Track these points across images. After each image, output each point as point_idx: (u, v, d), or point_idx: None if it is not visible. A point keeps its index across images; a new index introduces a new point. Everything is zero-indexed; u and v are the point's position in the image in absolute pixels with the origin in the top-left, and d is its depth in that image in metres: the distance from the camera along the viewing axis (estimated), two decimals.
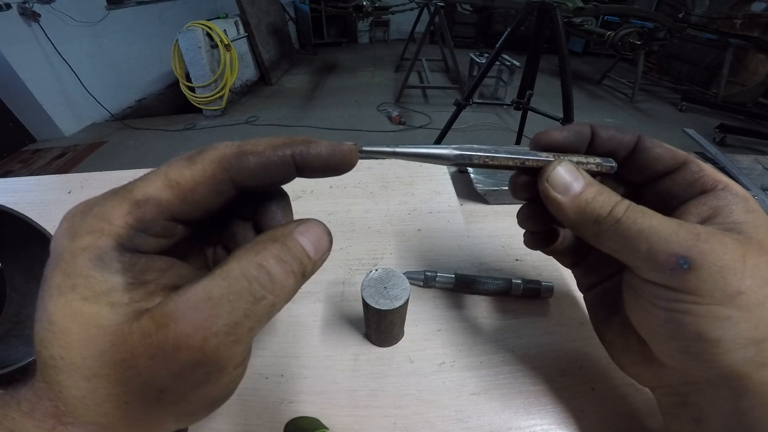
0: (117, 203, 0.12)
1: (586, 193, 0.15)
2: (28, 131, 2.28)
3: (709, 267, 0.13)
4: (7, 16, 1.96)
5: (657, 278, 0.14)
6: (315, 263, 0.13)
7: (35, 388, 0.12)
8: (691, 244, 0.13)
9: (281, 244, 0.13)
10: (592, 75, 3.40)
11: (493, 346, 0.27)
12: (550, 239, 0.21)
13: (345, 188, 0.43)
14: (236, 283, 0.11)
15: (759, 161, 0.49)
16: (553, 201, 0.16)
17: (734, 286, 0.13)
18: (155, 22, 3.12)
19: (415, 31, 3.30)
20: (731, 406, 0.15)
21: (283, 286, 0.12)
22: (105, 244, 0.11)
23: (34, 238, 0.26)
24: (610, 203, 0.15)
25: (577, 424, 0.23)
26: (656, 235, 0.14)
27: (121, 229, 0.12)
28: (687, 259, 0.13)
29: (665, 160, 0.17)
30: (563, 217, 0.16)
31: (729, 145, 2.15)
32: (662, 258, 0.14)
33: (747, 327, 0.13)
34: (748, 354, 0.13)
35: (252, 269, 0.12)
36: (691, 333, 0.14)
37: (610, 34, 1.53)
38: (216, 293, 0.11)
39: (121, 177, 0.46)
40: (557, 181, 0.16)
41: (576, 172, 0.16)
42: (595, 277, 0.21)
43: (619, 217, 0.15)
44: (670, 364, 0.16)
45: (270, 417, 0.23)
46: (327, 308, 0.30)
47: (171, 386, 0.11)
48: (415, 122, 2.46)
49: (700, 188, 0.16)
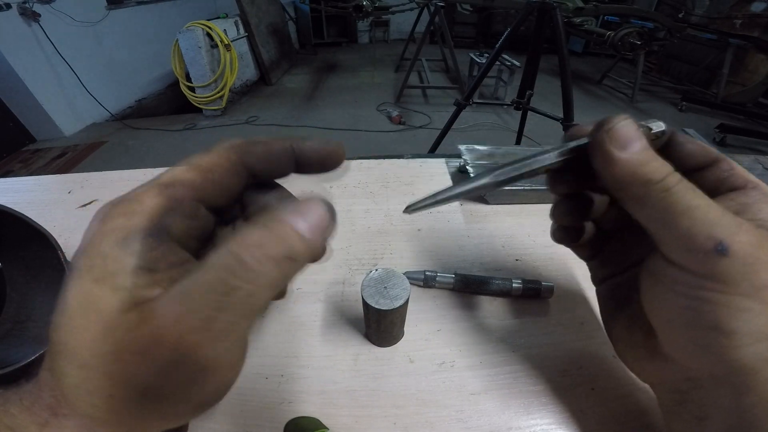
0: (147, 188, 0.13)
1: (644, 154, 0.15)
2: (28, 131, 2.28)
3: (744, 257, 0.13)
4: (7, 16, 1.96)
5: (687, 260, 0.14)
6: (310, 242, 0.12)
7: (39, 380, 0.12)
8: (734, 231, 0.13)
9: (261, 226, 0.11)
10: (592, 75, 3.40)
11: (493, 346, 0.27)
12: (580, 234, 0.22)
13: (345, 188, 0.43)
14: (208, 273, 0.11)
15: (759, 161, 0.49)
16: (608, 154, 0.15)
17: (762, 280, 0.13)
18: (155, 22, 3.11)
19: (415, 31, 3.30)
20: (733, 403, 0.15)
21: (259, 273, 0.11)
22: (136, 224, 0.12)
23: (34, 238, 0.26)
24: (665, 171, 0.15)
25: (577, 424, 0.23)
26: (702, 215, 0.14)
27: (154, 209, 0.12)
28: (725, 244, 0.13)
29: (697, 156, 0.17)
30: (613, 173, 0.15)
31: (729, 145, 2.15)
32: (701, 239, 0.13)
33: (765, 321, 0.13)
34: (760, 349, 0.13)
35: (223, 257, 0.11)
36: (707, 322, 0.14)
37: (610, 34, 1.53)
38: (189, 286, 0.11)
39: (121, 177, 0.46)
40: (619, 134, 0.15)
41: (638, 132, 0.15)
42: (609, 269, 0.21)
43: (670, 187, 0.14)
44: (677, 357, 0.16)
45: (270, 417, 0.23)
46: (327, 308, 0.30)
47: (153, 384, 0.11)
48: (415, 122, 2.46)
49: (730, 186, 0.16)
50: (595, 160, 0.16)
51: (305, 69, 3.68)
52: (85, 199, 0.42)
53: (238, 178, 0.14)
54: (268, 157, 0.15)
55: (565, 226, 0.22)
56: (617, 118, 0.15)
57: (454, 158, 0.48)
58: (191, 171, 0.13)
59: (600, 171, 0.16)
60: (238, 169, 0.14)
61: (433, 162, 0.48)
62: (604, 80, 3.18)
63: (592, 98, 2.95)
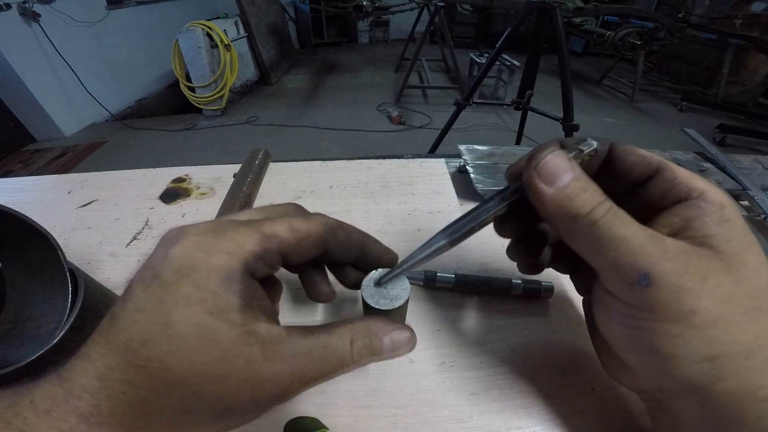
0: (250, 233, 0.14)
1: (570, 188, 0.15)
2: (28, 131, 2.28)
3: (668, 286, 0.13)
4: (7, 16, 1.96)
5: (617, 290, 0.15)
6: (383, 358, 0.16)
7: (75, 386, 0.12)
8: (656, 260, 0.13)
9: (371, 339, 0.15)
10: (592, 75, 3.40)
11: (494, 346, 0.27)
12: (543, 265, 0.22)
13: (345, 188, 0.43)
14: (330, 354, 0.14)
15: (759, 161, 0.49)
16: (537, 190, 0.15)
17: (689, 306, 0.13)
18: (155, 22, 3.12)
19: (415, 31, 3.30)
20: (700, 413, 0.15)
21: (353, 366, 0.15)
22: (235, 266, 0.13)
23: (34, 238, 0.26)
24: (592, 203, 0.14)
25: (577, 424, 0.23)
26: (625, 246, 0.14)
27: (250, 255, 0.14)
28: (648, 275, 0.13)
29: (638, 167, 0.17)
30: (541, 208, 0.16)
31: (729, 145, 2.15)
32: (626, 270, 0.14)
33: (699, 344, 0.13)
34: (703, 369, 0.13)
35: (345, 351, 0.14)
36: (646, 347, 0.14)
37: (610, 34, 1.53)
38: (315, 354, 0.14)
39: (121, 177, 0.46)
40: (546, 169, 0.15)
41: (567, 164, 0.15)
42: (588, 282, 0.21)
43: (596, 220, 0.14)
44: (639, 372, 0.16)
45: (270, 417, 0.23)
46: (327, 308, 0.30)
47: (240, 408, 0.13)
48: (415, 122, 2.46)
49: (674, 197, 0.15)
50: (530, 197, 0.16)
51: (305, 69, 3.68)
52: (85, 199, 0.42)
53: (316, 250, 0.16)
54: (346, 245, 0.17)
55: (527, 263, 0.22)
56: (546, 150, 0.15)
57: (454, 158, 0.48)
58: (290, 232, 0.15)
59: (535, 207, 0.16)
60: (320, 244, 0.16)
61: (433, 162, 0.48)
62: (604, 80, 3.18)
63: (592, 98, 2.95)
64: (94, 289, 0.25)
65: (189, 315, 0.12)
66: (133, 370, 0.12)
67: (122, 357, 0.12)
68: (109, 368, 0.12)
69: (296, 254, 0.16)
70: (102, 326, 0.13)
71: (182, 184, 0.44)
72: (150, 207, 0.41)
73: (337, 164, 0.47)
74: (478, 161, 0.44)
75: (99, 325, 0.13)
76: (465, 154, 0.45)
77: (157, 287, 0.12)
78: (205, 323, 0.12)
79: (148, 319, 0.12)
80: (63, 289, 0.23)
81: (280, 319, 0.16)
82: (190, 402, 0.12)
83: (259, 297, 0.15)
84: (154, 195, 0.43)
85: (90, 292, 0.24)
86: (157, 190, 0.43)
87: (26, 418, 0.11)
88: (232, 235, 0.14)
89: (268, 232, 0.15)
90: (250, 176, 0.41)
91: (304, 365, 0.13)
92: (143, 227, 0.38)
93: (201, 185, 0.44)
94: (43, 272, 0.27)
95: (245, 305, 0.13)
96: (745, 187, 0.42)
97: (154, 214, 0.40)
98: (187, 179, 0.45)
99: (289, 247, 0.15)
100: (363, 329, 0.15)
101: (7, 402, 0.11)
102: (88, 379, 0.12)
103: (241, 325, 0.13)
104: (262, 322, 0.14)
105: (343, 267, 0.20)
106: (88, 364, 0.12)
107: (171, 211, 0.40)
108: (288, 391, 0.13)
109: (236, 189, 0.39)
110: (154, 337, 0.12)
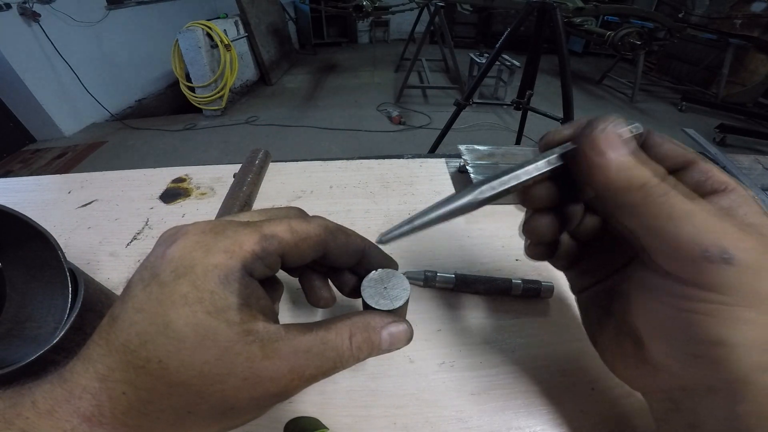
0: (250, 232, 0.14)
1: (637, 157, 0.14)
2: (28, 131, 2.28)
3: (749, 265, 0.12)
4: (7, 16, 1.96)
5: (685, 270, 0.13)
6: (381, 352, 0.16)
7: (69, 386, 0.12)
8: (738, 236, 0.12)
9: (369, 334, 0.16)
10: (592, 75, 3.40)
11: (493, 346, 0.27)
12: (556, 247, 0.21)
13: (345, 188, 0.43)
14: (329, 350, 0.14)
15: (759, 161, 0.49)
16: (599, 155, 0.14)
17: (766, 288, 0.12)
18: (155, 22, 3.12)
19: (415, 31, 3.30)
20: (726, 412, 0.14)
21: (353, 362, 0.15)
22: (234, 265, 0.13)
23: (34, 238, 0.26)
24: (661, 173, 0.13)
25: (577, 424, 0.23)
26: (703, 220, 0.12)
27: (249, 254, 0.14)
28: (731, 252, 0.12)
29: (675, 157, 0.16)
30: (602, 176, 0.14)
31: (729, 145, 2.15)
32: (703, 247, 0.12)
33: (764, 332, 0.12)
34: (756, 359, 0.13)
35: (344, 346, 0.15)
36: (701, 334, 0.13)
37: (610, 34, 1.53)
38: (314, 350, 0.14)
39: (121, 177, 0.46)
40: (609, 137, 0.14)
41: (630, 134, 0.14)
42: (588, 279, 0.21)
43: (667, 191, 0.13)
44: (671, 368, 0.15)
45: (270, 417, 0.23)
46: (326, 313, 0.30)
47: (241, 407, 0.13)
48: (415, 122, 2.46)
49: (709, 188, 0.15)
50: (581, 166, 0.15)
51: (305, 69, 3.68)
52: (85, 199, 0.42)
53: (315, 253, 0.16)
54: (345, 248, 0.17)
55: (541, 243, 0.20)
56: (605, 119, 0.14)
57: (454, 158, 0.48)
58: (290, 233, 0.15)
59: (586, 177, 0.15)
60: (319, 246, 0.16)
61: (433, 162, 0.48)
62: (604, 80, 3.18)
63: (592, 98, 2.95)
64: (94, 289, 0.25)
65: (187, 315, 0.12)
66: (133, 371, 0.12)
67: (122, 358, 0.12)
68: (110, 369, 0.12)
69: (295, 255, 0.16)
70: (102, 327, 0.13)
71: (182, 184, 0.44)
72: (150, 207, 0.41)
73: (337, 164, 0.47)
74: (478, 161, 0.44)
75: (99, 325, 0.13)
76: (465, 154, 0.45)
77: (155, 287, 0.12)
78: (203, 323, 0.12)
79: (146, 320, 0.12)
80: (63, 289, 0.23)
81: (279, 320, 0.16)
82: (191, 402, 0.12)
83: (258, 296, 0.15)
84: (154, 195, 0.43)
85: (90, 292, 0.24)
86: (157, 190, 0.43)
87: (28, 419, 0.11)
88: (230, 234, 0.14)
89: (268, 233, 0.15)
90: (250, 176, 0.41)
91: (303, 362, 0.14)
92: (143, 227, 0.38)
93: (201, 185, 0.44)
94: (43, 272, 0.27)
95: (244, 304, 0.13)
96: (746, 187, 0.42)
97: (154, 214, 0.40)
98: (187, 179, 0.45)
99: (288, 248, 0.15)
100: (361, 324, 0.16)
101: (8, 402, 0.11)
102: (89, 380, 0.12)
103: (240, 324, 0.13)
104: (260, 321, 0.14)
105: (342, 272, 0.20)
106: (89, 365, 0.12)
107: (171, 211, 0.40)
108: (288, 388, 0.13)
109: (236, 189, 0.39)
110: (153, 338, 0.12)
